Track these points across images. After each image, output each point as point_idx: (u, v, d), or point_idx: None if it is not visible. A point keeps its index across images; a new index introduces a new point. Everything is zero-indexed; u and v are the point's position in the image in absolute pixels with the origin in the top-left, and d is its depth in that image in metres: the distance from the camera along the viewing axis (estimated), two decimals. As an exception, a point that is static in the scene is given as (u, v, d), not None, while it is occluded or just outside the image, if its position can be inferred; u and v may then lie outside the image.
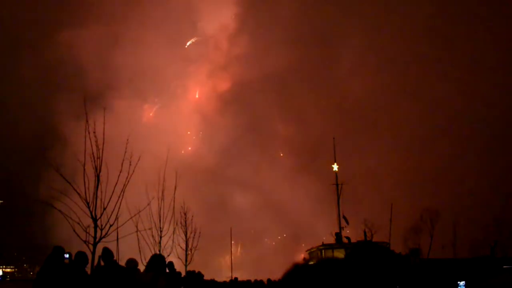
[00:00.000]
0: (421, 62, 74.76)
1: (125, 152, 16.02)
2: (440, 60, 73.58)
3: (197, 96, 79.00)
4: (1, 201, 78.41)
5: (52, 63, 69.58)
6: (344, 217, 56.64)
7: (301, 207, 67.88)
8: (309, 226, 68.38)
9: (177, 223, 24.10)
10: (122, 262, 11.30)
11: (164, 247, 21.16)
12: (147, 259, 19.62)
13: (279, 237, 72.56)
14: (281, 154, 77.95)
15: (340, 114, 76.20)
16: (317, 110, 77.17)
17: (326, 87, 77.51)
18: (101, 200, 13.69)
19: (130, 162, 15.43)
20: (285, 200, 69.72)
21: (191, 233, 25.45)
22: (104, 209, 13.65)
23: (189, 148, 77.07)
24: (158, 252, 20.46)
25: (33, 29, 71.75)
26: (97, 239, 13.20)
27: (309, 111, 77.50)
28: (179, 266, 20.61)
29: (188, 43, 77.44)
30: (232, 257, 49.38)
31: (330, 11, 75.52)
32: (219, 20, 77.05)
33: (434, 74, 74.18)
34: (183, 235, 25.17)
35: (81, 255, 9.48)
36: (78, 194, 13.59)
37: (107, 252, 9.60)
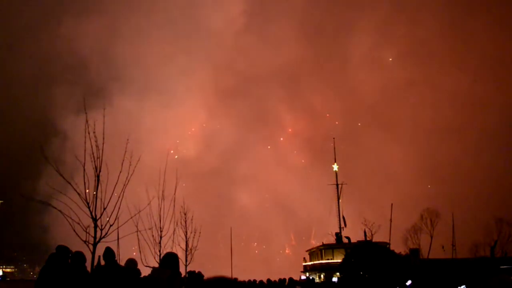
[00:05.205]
0: (434, 57, 73.45)
1: (125, 152, 16.00)
2: (455, 53, 71.72)
3: (202, 93, 77.49)
4: (1, 201, 78.32)
5: (51, 56, 68.83)
6: (343, 218, 56.57)
7: (302, 207, 67.55)
8: (309, 225, 68.07)
9: (177, 223, 24.07)
10: (122, 262, 11.31)
11: (164, 247, 21.13)
12: (147, 259, 19.55)
13: (274, 233, 72.15)
14: (282, 139, 76.04)
15: (344, 112, 75.48)
16: (325, 107, 76.27)
17: (335, 83, 76.37)
18: (101, 200, 13.69)
19: (130, 162, 15.40)
20: (287, 199, 69.42)
21: (191, 233, 25.43)
22: (104, 209, 13.64)
23: (192, 146, 75.82)
24: (158, 252, 20.48)
25: (31, 21, 70.81)
26: (97, 239, 13.20)
27: (317, 107, 76.54)
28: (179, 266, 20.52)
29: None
30: (232, 257, 49.31)
31: (339, 4, 74.23)
32: (225, 14, 75.31)
33: (446, 69, 72.84)
34: (183, 235, 25.14)
35: (78, 255, 9.47)
36: (78, 194, 13.58)
37: (109, 251, 9.59)
